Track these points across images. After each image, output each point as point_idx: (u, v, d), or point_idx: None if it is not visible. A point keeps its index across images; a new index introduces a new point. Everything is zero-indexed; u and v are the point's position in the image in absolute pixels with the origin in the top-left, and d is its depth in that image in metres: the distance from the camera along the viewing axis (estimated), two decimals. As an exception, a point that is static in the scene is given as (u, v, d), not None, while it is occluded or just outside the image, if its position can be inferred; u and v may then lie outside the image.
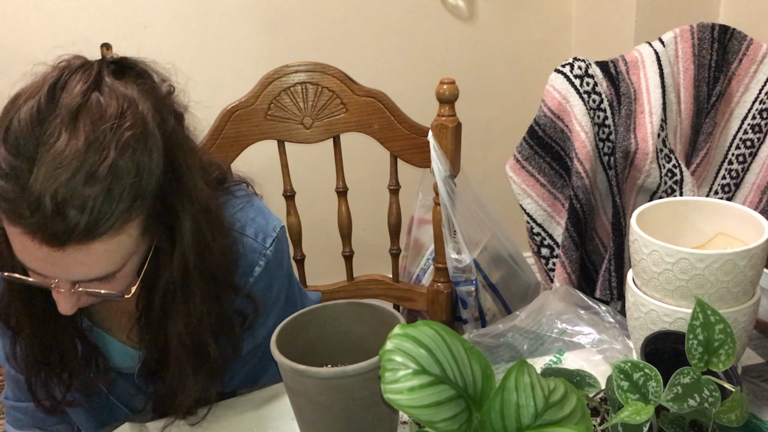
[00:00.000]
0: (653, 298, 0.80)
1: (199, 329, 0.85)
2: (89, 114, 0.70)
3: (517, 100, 2.29)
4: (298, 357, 0.71)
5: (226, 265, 0.87)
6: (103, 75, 0.74)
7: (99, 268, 0.74)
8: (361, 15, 2.07)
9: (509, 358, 0.96)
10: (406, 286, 1.43)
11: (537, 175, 1.28)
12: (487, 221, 1.51)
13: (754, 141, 1.32)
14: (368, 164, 1.73)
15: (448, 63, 2.19)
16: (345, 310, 0.82)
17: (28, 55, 2.00)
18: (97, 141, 0.69)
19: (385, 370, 0.53)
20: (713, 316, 0.69)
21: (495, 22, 2.20)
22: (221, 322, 0.88)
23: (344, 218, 1.39)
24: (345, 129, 1.32)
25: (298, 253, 1.40)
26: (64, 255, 0.70)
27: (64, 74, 0.73)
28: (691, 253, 0.74)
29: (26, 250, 0.71)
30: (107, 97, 0.72)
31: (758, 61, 1.28)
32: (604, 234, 1.31)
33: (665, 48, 1.26)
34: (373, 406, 0.71)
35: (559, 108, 1.24)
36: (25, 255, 0.72)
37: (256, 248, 0.93)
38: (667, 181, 1.25)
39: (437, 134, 1.28)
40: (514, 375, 0.55)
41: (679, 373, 0.66)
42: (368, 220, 1.96)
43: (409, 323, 0.56)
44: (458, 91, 1.27)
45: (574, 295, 1.04)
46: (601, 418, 0.75)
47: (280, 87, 1.28)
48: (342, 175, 1.37)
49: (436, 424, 0.52)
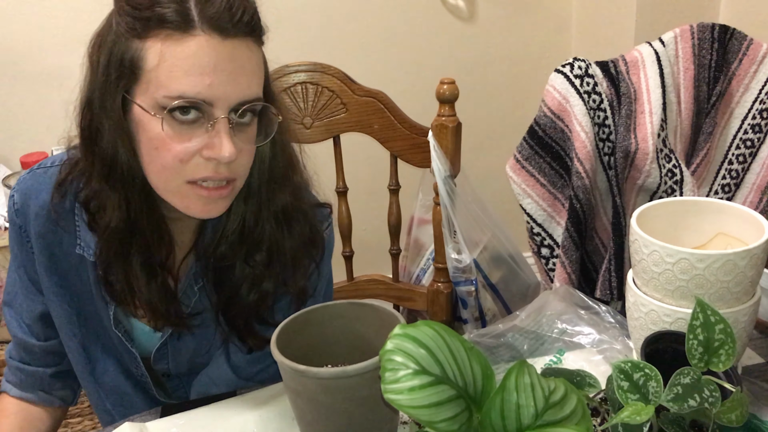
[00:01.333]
0: (653, 298, 0.80)
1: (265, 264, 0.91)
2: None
3: (517, 100, 2.29)
4: (298, 357, 0.71)
5: (298, 201, 0.93)
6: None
7: (254, 81, 0.80)
8: (361, 15, 2.07)
9: (509, 358, 0.96)
10: (406, 286, 1.43)
11: (537, 175, 1.28)
12: (487, 221, 1.51)
13: (754, 141, 1.32)
14: (368, 164, 1.73)
15: (448, 63, 2.19)
16: (345, 310, 0.82)
17: (28, 55, 2.00)
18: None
19: (385, 370, 0.53)
20: (713, 316, 0.69)
21: (495, 22, 2.20)
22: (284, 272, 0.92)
23: (344, 218, 1.39)
24: (345, 129, 1.32)
25: (298, 253, 1.40)
26: (233, 51, 0.76)
27: None
28: (691, 253, 0.74)
29: (199, 61, 0.75)
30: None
31: (758, 61, 1.28)
32: (604, 234, 1.31)
33: (665, 48, 1.26)
34: (373, 406, 0.71)
35: (559, 108, 1.24)
36: (197, 70, 0.75)
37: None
38: (667, 181, 1.25)
39: (437, 134, 1.28)
40: (514, 375, 0.55)
41: (679, 373, 0.66)
42: (368, 220, 1.96)
43: (409, 323, 0.56)
44: (458, 91, 1.27)
45: (574, 295, 1.04)
46: (601, 418, 0.75)
47: (280, 87, 1.28)
48: (342, 175, 1.37)
49: (436, 424, 0.52)
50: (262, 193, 0.89)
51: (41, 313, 0.98)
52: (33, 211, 0.91)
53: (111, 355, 0.99)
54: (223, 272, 0.92)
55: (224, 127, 0.77)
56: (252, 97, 0.80)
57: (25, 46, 1.83)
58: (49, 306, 0.96)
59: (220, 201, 0.83)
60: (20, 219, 0.93)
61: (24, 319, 0.99)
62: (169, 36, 0.74)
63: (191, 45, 0.74)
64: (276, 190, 0.90)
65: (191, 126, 0.77)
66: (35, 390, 1.02)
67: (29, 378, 1.02)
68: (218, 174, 0.80)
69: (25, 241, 0.93)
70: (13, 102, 1.88)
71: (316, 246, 0.96)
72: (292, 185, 0.92)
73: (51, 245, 0.92)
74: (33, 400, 1.02)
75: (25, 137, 1.92)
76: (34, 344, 1.00)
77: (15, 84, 1.86)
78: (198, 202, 0.82)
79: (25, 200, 0.92)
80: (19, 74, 1.86)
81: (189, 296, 0.94)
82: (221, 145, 0.78)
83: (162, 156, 0.79)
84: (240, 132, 0.81)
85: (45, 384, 1.03)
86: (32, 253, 0.94)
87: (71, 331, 0.97)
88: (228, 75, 0.76)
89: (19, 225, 0.93)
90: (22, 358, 1.02)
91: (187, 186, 0.80)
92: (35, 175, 0.93)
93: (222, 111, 0.77)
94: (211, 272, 0.92)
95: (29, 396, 1.02)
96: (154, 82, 0.76)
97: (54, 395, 1.04)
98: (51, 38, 1.84)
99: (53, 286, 0.94)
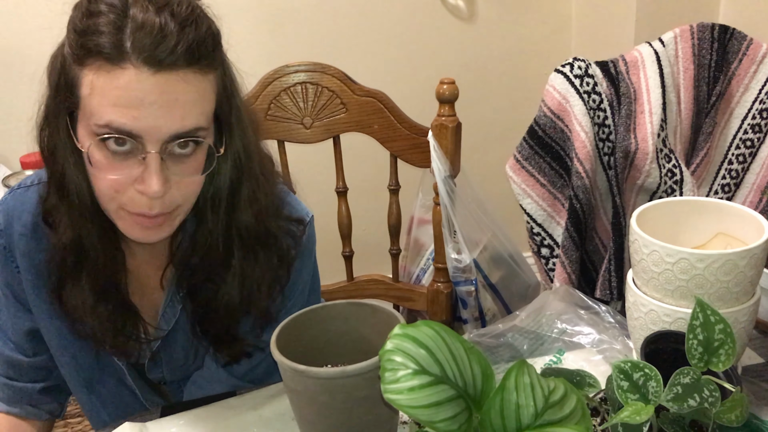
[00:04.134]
0: (653, 298, 0.80)
1: (245, 280, 0.89)
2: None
3: (517, 100, 2.29)
4: (298, 357, 0.71)
5: (272, 211, 0.91)
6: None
7: (192, 113, 0.76)
8: (361, 15, 2.07)
9: (509, 358, 0.96)
10: (406, 286, 1.43)
11: (537, 175, 1.28)
12: (487, 221, 1.51)
13: (754, 141, 1.32)
14: (368, 164, 1.73)
15: (448, 63, 2.19)
16: (345, 310, 0.82)
17: (28, 55, 2.00)
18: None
19: (385, 370, 0.53)
20: (713, 316, 0.69)
21: (495, 22, 2.20)
22: (261, 281, 0.91)
23: (344, 218, 1.39)
24: (345, 129, 1.32)
25: (298, 253, 1.40)
26: (165, 84, 0.73)
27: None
28: (691, 253, 0.74)
29: (126, 94, 0.72)
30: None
31: (758, 61, 1.28)
32: (604, 234, 1.31)
33: (665, 48, 1.26)
34: (373, 406, 0.71)
35: (559, 108, 1.24)
36: (123, 102, 0.73)
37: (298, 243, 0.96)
38: (667, 181, 1.25)
39: (437, 134, 1.28)
40: (514, 375, 0.55)
41: (679, 373, 0.66)
42: (368, 220, 1.96)
43: (409, 323, 0.56)
44: (458, 91, 1.27)
45: (574, 295, 1.04)
46: (601, 418, 0.75)
47: (280, 87, 1.29)
48: (342, 175, 1.37)
49: (436, 424, 0.52)
50: (220, 211, 0.87)
51: (29, 330, 0.98)
52: (17, 231, 0.91)
53: (105, 366, 0.99)
54: (197, 284, 0.91)
55: (154, 161, 0.75)
56: (188, 129, 0.76)
57: (25, 46, 1.83)
58: (38, 322, 0.96)
59: (159, 228, 0.82)
60: (4, 239, 0.92)
61: (10, 337, 0.99)
62: (101, 67, 0.73)
63: (121, 78, 0.72)
64: (236, 209, 0.88)
65: (126, 157, 0.76)
66: (23, 404, 1.01)
67: (16, 394, 1.01)
68: (151, 209, 0.79)
69: (9, 261, 0.93)
70: (13, 102, 1.88)
71: (284, 268, 0.94)
72: (258, 206, 0.89)
73: (37, 264, 0.91)
74: (20, 414, 1.01)
75: (25, 137, 1.91)
76: (22, 360, 0.99)
77: (15, 84, 1.86)
78: (136, 227, 0.81)
79: (8, 221, 0.92)
80: (19, 74, 1.86)
81: (174, 305, 0.95)
82: (150, 182, 0.76)
83: (98, 182, 0.79)
84: (179, 163, 0.78)
85: (33, 399, 1.02)
86: (18, 272, 0.93)
87: (62, 346, 0.96)
88: (159, 108, 0.74)
89: (3, 245, 0.93)
90: (9, 374, 1.01)
91: (124, 212, 0.80)
92: (16, 195, 0.93)
93: (153, 145, 0.75)
94: (186, 282, 0.92)
95: (16, 410, 1.01)
96: (88, 110, 0.75)
97: (41, 409, 1.03)
98: (51, 38, 1.84)
99: (42, 303, 0.93)
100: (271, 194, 0.92)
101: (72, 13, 0.78)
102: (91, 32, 0.73)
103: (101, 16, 0.74)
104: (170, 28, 0.73)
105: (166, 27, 0.73)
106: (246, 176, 0.87)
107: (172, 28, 0.73)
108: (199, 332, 0.93)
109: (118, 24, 0.73)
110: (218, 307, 0.90)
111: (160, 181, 0.76)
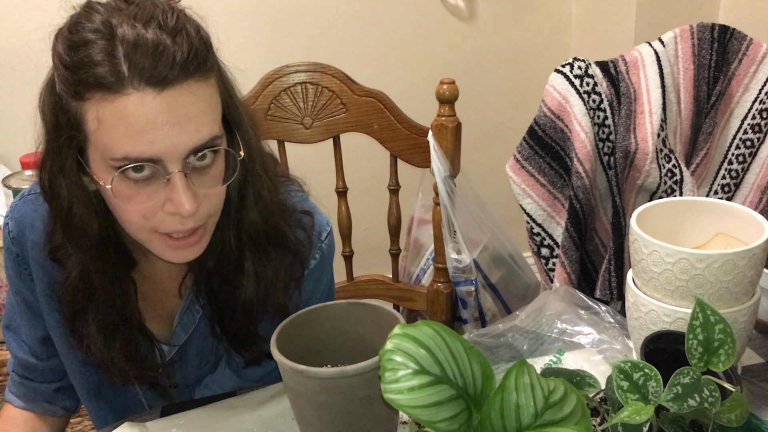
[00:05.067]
0: (653, 298, 0.80)
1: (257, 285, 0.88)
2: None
3: (517, 100, 2.29)
4: (298, 357, 0.71)
5: (282, 217, 0.90)
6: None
7: (205, 123, 0.74)
8: (361, 15, 2.07)
9: (509, 358, 0.96)
10: (406, 286, 1.43)
11: (537, 175, 1.28)
12: (487, 221, 1.51)
13: (754, 141, 1.32)
14: (368, 164, 1.73)
15: (448, 63, 2.19)
16: (345, 310, 0.82)
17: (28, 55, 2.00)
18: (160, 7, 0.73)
19: (385, 370, 0.53)
20: (713, 316, 0.69)
21: (495, 22, 2.20)
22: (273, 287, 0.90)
23: (344, 218, 1.39)
24: (345, 129, 1.32)
25: (298, 253, 1.40)
26: (172, 102, 0.70)
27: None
28: (691, 253, 0.74)
29: (136, 121, 0.70)
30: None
31: (758, 61, 1.28)
32: (604, 234, 1.31)
33: (665, 48, 1.26)
34: (373, 406, 0.71)
35: (559, 108, 1.24)
36: (135, 130, 0.70)
37: (313, 241, 0.94)
38: (667, 181, 1.25)
39: (437, 134, 1.28)
40: (514, 375, 0.55)
41: (679, 373, 0.66)
42: (368, 220, 1.96)
43: (409, 323, 0.56)
44: (458, 91, 1.27)
45: (574, 295, 1.04)
46: (601, 418, 0.75)
47: (280, 87, 1.28)
48: (342, 175, 1.37)
49: (436, 424, 0.52)
50: (231, 212, 0.86)
51: (43, 336, 0.98)
52: (30, 240, 0.90)
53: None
54: (214, 287, 0.91)
55: (180, 181, 0.73)
56: (205, 140, 0.74)
57: (25, 47, 1.83)
58: (50, 330, 0.96)
59: (197, 245, 0.81)
60: (17, 247, 0.92)
61: (25, 341, 0.99)
62: (103, 98, 0.70)
63: (126, 105, 0.69)
64: (243, 208, 0.87)
65: (149, 182, 0.74)
66: (39, 402, 1.02)
67: (33, 392, 1.02)
68: (184, 226, 0.77)
69: (23, 269, 0.93)
70: (13, 102, 1.88)
71: (297, 263, 0.93)
72: (263, 203, 0.87)
73: (51, 273, 0.90)
74: (37, 410, 1.02)
75: (25, 137, 1.91)
76: (37, 364, 1.00)
77: (15, 84, 1.86)
78: (169, 250, 0.80)
79: (21, 229, 0.91)
80: (19, 74, 1.86)
81: (192, 312, 0.94)
82: (180, 202, 0.74)
83: (125, 213, 0.77)
84: (201, 176, 0.77)
85: (49, 397, 1.03)
86: (31, 280, 0.93)
87: (72, 354, 0.96)
88: (171, 127, 0.71)
89: (16, 253, 0.92)
90: (25, 375, 1.02)
91: (156, 235, 0.79)
92: (27, 202, 0.91)
93: (174, 164, 0.73)
94: (204, 286, 0.91)
95: (33, 407, 1.02)
96: (100, 145, 0.73)
97: (57, 405, 1.04)
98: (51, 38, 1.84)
99: (53, 311, 0.93)
100: (275, 192, 0.90)
101: (54, 46, 0.75)
102: (83, 65, 0.70)
103: (90, 46, 0.70)
104: (163, 42, 0.70)
105: (159, 42, 0.70)
106: (250, 174, 0.86)
107: (165, 41, 0.70)
108: (219, 333, 0.93)
109: (109, 50, 0.69)
110: (236, 307, 0.89)
111: (190, 199, 0.74)
